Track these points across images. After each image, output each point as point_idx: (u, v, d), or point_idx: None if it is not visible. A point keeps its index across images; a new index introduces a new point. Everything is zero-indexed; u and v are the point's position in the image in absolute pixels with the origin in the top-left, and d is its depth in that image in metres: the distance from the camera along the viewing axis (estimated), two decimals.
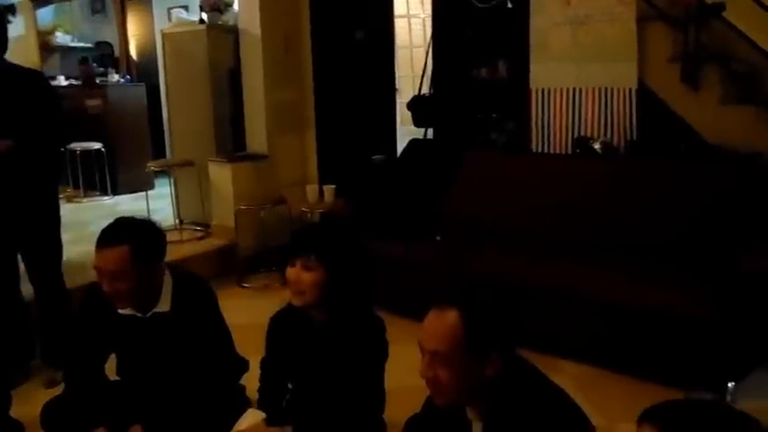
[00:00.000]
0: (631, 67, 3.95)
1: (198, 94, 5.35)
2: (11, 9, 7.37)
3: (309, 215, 4.78)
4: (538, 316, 3.20)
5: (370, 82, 5.65)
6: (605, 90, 4.09)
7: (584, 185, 3.81)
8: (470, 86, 4.88)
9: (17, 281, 3.24)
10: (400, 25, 7.62)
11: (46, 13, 8.70)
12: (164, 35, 5.73)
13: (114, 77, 7.81)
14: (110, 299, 2.22)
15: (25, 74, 3.15)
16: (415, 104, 5.28)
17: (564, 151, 4.29)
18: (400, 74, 6.74)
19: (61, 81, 7.60)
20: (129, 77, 8.08)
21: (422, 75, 5.74)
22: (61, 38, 8.70)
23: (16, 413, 2.65)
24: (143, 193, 5.84)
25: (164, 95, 6.52)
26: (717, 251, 3.18)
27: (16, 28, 7.24)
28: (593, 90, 4.14)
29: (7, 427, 2.57)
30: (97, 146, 6.73)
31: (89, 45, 8.92)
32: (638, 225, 3.53)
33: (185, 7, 7.76)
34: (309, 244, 2.10)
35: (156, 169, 5.86)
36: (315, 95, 5.33)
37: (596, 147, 4.03)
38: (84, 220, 5.69)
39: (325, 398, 2.17)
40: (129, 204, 6.49)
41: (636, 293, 3.07)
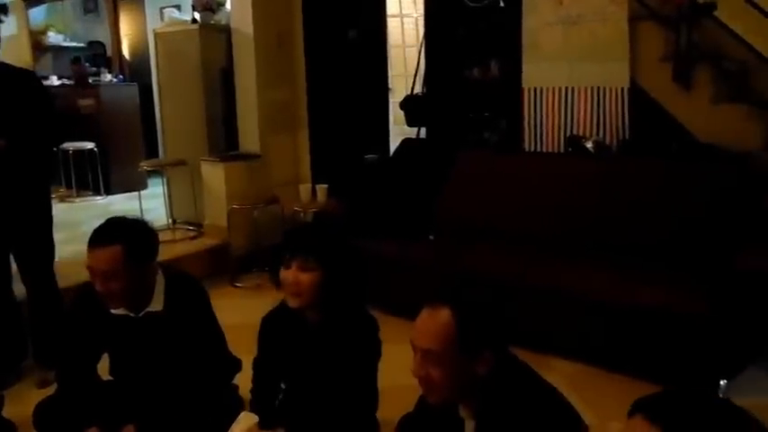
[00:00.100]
0: (623, 67, 3.97)
1: (190, 93, 5.34)
2: (3, 9, 7.29)
3: (302, 215, 4.78)
4: (531, 315, 3.21)
5: (363, 81, 5.65)
6: (597, 89, 4.10)
7: (576, 184, 3.82)
8: (463, 86, 4.88)
9: (9, 281, 3.23)
10: (393, 25, 7.61)
11: (38, 13, 8.68)
12: (156, 35, 5.71)
13: (107, 77, 7.81)
14: (102, 299, 2.21)
15: (17, 74, 3.14)
16: (408, 104, 5.27)
17: (556, 150, 4.30)
18: (393, 73, 6.71)
19: (54, 81, 7.59)
20: (121, 77, 8.08)
21: (414, 74, 5.74)
22: (53, 37, 8.67)
23: (8, 413, 2.65)
24: (136, 193, 5.85)
25: (156, 95, 6.51)
26: (710, 250, 3.19)
27: (8, 27, 7.21)
28: (585, 89, 4.15)
29: (0, 428, 2.56)
30: (90, 146, 6.73)
31: (81, 45, 8.90)
32: (631, 224, 3.54)
33: (178, 7, 7.77)
34: (307, 245, 2.09)
35: (149, 169, 5.84)
36: (307, 95, 5.33)
37: (589, 146, 4.04)
38: (77, 219, 5.68)
39: (319, 397, 2.17)
40: (122, 204, 6.48)
41: (628, 292, 3.07)
